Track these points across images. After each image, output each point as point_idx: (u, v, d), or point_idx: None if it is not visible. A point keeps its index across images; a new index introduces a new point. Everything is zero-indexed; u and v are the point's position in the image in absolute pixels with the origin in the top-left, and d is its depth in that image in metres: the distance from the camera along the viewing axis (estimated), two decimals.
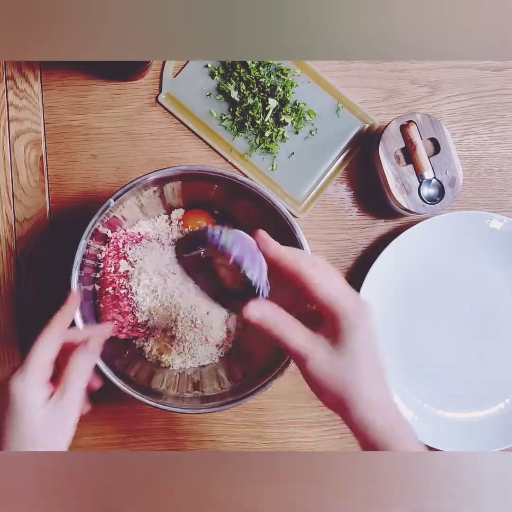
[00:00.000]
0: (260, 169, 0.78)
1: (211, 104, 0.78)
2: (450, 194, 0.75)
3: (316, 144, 0.79)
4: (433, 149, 0.77)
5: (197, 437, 0.78)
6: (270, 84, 0.76)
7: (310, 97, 0.79)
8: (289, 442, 0.79)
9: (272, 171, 0.78)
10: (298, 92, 0.78)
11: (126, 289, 0.72)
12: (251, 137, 0.78)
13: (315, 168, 0.79)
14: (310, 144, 0.79)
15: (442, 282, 0.79)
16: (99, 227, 0.67)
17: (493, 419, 0.80)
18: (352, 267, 0.80)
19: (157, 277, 0.71)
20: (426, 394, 0.79)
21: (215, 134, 0.78)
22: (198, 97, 0.78)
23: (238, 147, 0.78)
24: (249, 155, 0.78)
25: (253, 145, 0.78)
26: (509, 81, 0.82)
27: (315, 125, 0.79)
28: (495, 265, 0.80)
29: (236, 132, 0.77)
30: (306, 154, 0.78)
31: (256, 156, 0.78)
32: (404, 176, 0.75)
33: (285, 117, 0.77)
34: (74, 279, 0.65)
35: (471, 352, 0.80)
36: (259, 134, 0.77)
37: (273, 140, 0.77)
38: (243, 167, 0.78)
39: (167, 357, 0.74)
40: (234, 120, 0.77)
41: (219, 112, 0.78)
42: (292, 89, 0.77)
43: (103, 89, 0.78)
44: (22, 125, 0.77)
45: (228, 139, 0.78)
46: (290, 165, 0.78)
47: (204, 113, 0.78)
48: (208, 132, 0.78)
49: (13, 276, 0.77)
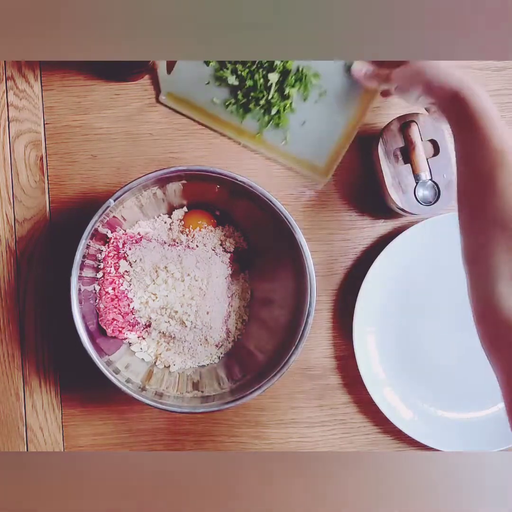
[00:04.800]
0: (274, 145, 0.77)
1: (212, 92, 0.77)
2: (446, 197, 0.76)
3: (328, 105, 0.76)
4: (432, 150, 0.77)
5: (197, 437, 0.78)
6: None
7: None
8: (289, 442, 0.79)
9: (286, 145, 0.76)
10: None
11: (126, 289, 0.72)
12: (259, 116, 0.76)
13: (332, 130, 0.77)
14: (321, 107, 0.76)
15: (442, 282, 0.79)
16: (99, 227, 0.67)
17: (493, 419, 0.80)
18: (352, 267, 0.80)
19: (157, 277, 0.71)
20: (426, 394, 0.79)
21: (222, 121, 0.77)
22: (197, 88, 0.77)
23: (249, 128, 0.77)
24: (260, 134, 0.76)
25: (263, 124, 0.76)
26: (509, 81, 0.82)
27: (323, 86, 0.76)
28: None
29: (242, 115, 0.76)
30: (319, 118, 0.76)
31: (268, 133, 0.76)
32: (401, 175, 0.75)
33: (289, 89, 0.74)
34: (74, 279, 0.66)
35: (471, 352, 0.80)
36: (266, 112, 0.75)
37: (281, 115, 0.75)
38: (258, 147, 0.77)
39: (167, 357, 0.74)
40: (237, 103, 0.76)
41: (222, 98, 0.76)
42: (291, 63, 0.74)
43: (103, 89, 0.78)
44: (22, 125, 0.77)
45: (237, 123, 0.77)
46: (305, 134, 0.77)
47: (207, 103, 0.77)
48: (216, 120, 0.77)
49: (13, 276, 0.77)
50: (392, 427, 0.77)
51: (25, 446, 0.77)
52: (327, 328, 0.80)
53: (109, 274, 0.72)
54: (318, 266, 0.78)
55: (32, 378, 0.77)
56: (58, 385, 0.78)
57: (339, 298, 0.80)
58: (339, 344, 0.80)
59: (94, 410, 0.78)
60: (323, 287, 0.79)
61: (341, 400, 0.80)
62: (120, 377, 0.67)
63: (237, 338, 0.77)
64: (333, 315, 0.80)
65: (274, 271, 0.74)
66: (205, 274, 0.72)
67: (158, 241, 0.74)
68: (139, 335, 0.74)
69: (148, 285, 0.72)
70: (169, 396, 0.69)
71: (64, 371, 0.78)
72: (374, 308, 0.78)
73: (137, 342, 0.75)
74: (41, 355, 0.77)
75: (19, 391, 0.77)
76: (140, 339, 0.74)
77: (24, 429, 0.77)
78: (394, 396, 0.78)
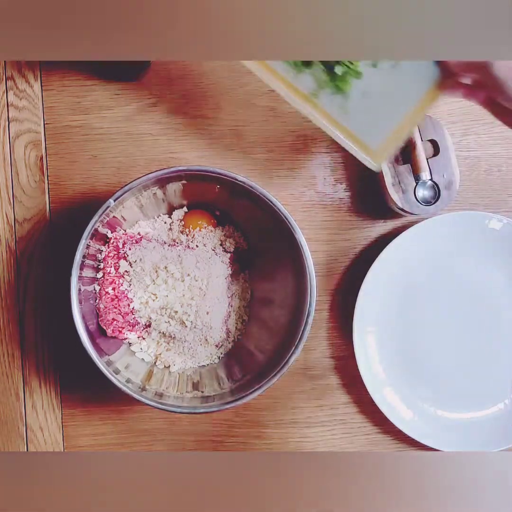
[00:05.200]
0: (328, 112, 0.65)
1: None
2: (446, 197, 0.76)
3: (398, 79, 0.64)
4: (432, 150, 0.77)
5: (197, 437, 0.78)
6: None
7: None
8: (289, 442, 0.79)
9: (344, 114, 0.64)
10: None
11: (126, 289, 0.72)
12: (318, 73, 0.64)
13: (397, 109, 0.65)
14: (391, 80, 0.64)
15: (442, 282, 0.79)
16: (99, 227, 0.67)
17: (493, 419, 0.80)
18: (352, 267, 0.80)
19: (157, 277, 0.71)
20: (426, 394, 0.79)
21: (273, 71, 0.64)
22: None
23: (302, 86, 0.64)
24: (315, 95, 0.64)
25: (321, 83, 0.64)
26: None
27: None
28: (495, 266, 0.80)
29: (300, 68, 0.64)
30: (386, 92, 0.64)
31: (324, 96, 0.64)
32: (401, 175, 0.75)
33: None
34: (74, 279, 0.66)
35: (471, 352, 0.80)
36: (327, 70, 0.63)
37: (345, 78, 0.63)
38: (311, 110, 0.65)
39: (167, 357, 0.74)
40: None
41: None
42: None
43: (103, 89, 0.78)
44: (22, 125, 0.77)
45: (292, 76, 0.64)
46: (366, 107, 0.64)
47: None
48: (266, 68, 0.64)
49: (13, 276, 0.77)
50: (392, 427, 0.77)
51: (25, 446, 0.77)
52: (327, 328, 0.80)
53: (109, 274, 0.72)
54: (318, 266, 0.78)
55: (32, 378, 0.77)
56: (58, 385, 0.78)
57: (339, 298, 0.80)
58: (339, 344, 0.80)
59: (94, 410, 0.78)
60: (323, 287, 0.79)
61: (341, 400, 0.80)
62: (120, 377, 0.67)
63: (237, 338, 0.77)
64: (333, 315, 0.80)
65: (274, 271, 0.74)
66: (205, 274, 0.72)
67: (158, 241, 0.74)
68: (139, 335, 0.74)
69: (148, 285, 0.72)
70: (169, 396, 0.69)
71: (64, 371, 0.78)
72: (374, 308, 0.78)
73: (137, 342, 0.75)
74: (41, 355, 0.77)
75: (19, 391, 0.77)
76: (140, 339, 0.74)
77: (24, 429, 0.77)
78: (394, 396, 0.78)
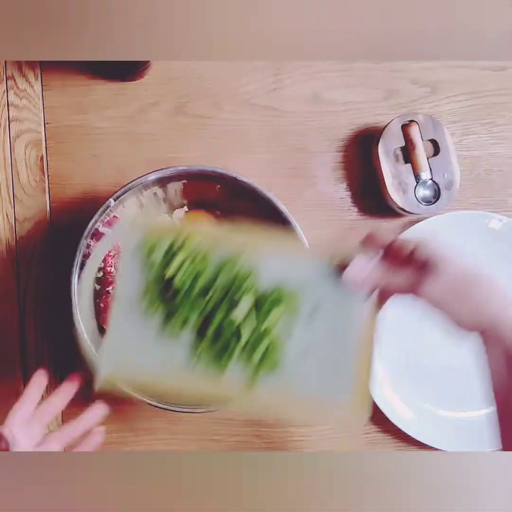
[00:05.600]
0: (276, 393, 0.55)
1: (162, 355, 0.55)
2: (446, 196, 0.76)
3: (327, 323, 0.56)
4: (432, 150, 0.77)
5: (197, 436, 0.78)
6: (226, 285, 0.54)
7: (280, 269, 0.56)
8: (289, 442, 0.79)
9: (290, 389, 0.55)
10: (266, 274, 0.55)
11: None
12: (241, 364, 0.55)
13: (343, 353, 0.56)
14: (320, 327, 0.56)
15: None
16: (99, 227, 0.67)
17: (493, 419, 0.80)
18: None
19: None
20: (426, 394, 0.79)
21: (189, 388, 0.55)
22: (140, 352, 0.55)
23: (234, 381, 0.55)
24: (251, 384, 0.55)
25: (249, 373, 0.55)
26: (509, 81, 0.82)
27: (312, 300, 0.56)
28: (495, 265, 0.79)
29: (222, 368, 0.55)
30: (322, 342, 0.56)
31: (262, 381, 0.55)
32: (402, 175, 0.75)
33: (269, 318, 0.54)
34: (74, 279, 0.66)
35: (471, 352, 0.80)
36: (249, 356, 0.55)
37: (269, 355, 0.55)
38: (250, 404, 0.56)
39: None
40: (205, 353, 0.55)
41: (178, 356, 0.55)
42: (253, 275, 0.55)
43: (103, 89, 0.78)
44: (22, 125, 0.77)
45: (214, 382, 0.55)
46: (312, 367, 0.55)
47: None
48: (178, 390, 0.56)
49: (13, 276, 0.77)
50: (392, 427, 0.77)
51: None
52: None
53: (109, 273, 0.72)
54: None
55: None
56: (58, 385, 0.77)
57: None
58: None
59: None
60: None
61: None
62: None
63: None
64: None
65: None
66: None
67: None
68: None
69: None
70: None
71: (64, 371, 0.78)
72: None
73: None
74: (41, 355, 0.77)
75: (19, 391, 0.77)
76: None
77: None
78: (394, 396, 0.78)
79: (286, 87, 0.80)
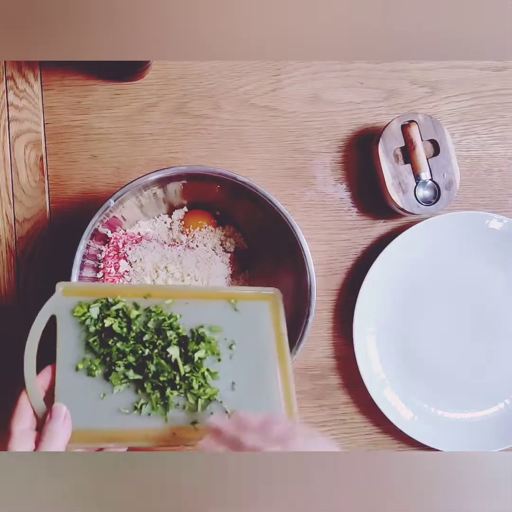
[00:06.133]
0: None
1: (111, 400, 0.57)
2: (446, 197, 0.76)
3: (245, 355, 0.62)
4: (432, 150, 0.77)
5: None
6: (150, 340, 0.58)
7: (200, 314, 0.61)
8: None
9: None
10: (188, 319, 0.60)
11: None
12: (180, 403, 0.58)
13: (266, 376, 0.62)
14: (241, 361, 0.62)
15: (442, 282, 0.79)
16: (99, 227, 0.67)
17: (493, 419, 0.80)
18: (352, 267, 0.80)
19: (157, 277, 0.71)
20: (426, 394, 0.79)
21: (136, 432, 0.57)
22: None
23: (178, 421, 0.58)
24: (195, 424, 0.58)
25: (190, 410, 0.58)
26: (509, 81, 0.82)
27: (228, 337, 0.61)
28: (495, 265, 0.80)
29: (164, 412, 0.58)
30: (247, 373, 0.61)
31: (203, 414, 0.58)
32: (402, 175, 0.75)
33: (197, 359, 0.58)
34: (74, 279, 0.65)
35: (471, 352, 0.80)
36: (186, 398, 0.58)
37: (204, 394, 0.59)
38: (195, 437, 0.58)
39: None
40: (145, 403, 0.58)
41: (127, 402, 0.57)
42: (178, 321, 0.60)
43: (103, 89, 0.78)
44: (22, 125, 0.77)
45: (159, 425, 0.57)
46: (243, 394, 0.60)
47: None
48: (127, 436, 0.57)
49: (13, 276, 0.77)
50: (392, 427, 0.77)
51: None
52: (327, 328, 0.80)
53: (109, 274, 0.72)
54: (318, 266, 0.78)
55: None
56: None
57: (339, 298, 0.80)
58: (339, 344, 0.80)
59: None
60: (323, 287, 0.79)
61: (341, 400, 0.80)
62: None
63: None
64: (333, 315, 0.80)
65: (274, 271, 0.74)
66: (205, 274, 0.72)
67: (158, 241, 0.74)
68: None
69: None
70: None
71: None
72: (374, 308, 0.78)
73: None
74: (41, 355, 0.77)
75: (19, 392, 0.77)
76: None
77: None
78: (394, 396, 0.78)
79: (285, 87, 0.80)
